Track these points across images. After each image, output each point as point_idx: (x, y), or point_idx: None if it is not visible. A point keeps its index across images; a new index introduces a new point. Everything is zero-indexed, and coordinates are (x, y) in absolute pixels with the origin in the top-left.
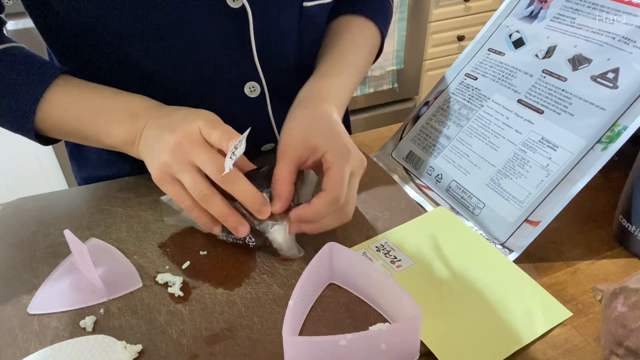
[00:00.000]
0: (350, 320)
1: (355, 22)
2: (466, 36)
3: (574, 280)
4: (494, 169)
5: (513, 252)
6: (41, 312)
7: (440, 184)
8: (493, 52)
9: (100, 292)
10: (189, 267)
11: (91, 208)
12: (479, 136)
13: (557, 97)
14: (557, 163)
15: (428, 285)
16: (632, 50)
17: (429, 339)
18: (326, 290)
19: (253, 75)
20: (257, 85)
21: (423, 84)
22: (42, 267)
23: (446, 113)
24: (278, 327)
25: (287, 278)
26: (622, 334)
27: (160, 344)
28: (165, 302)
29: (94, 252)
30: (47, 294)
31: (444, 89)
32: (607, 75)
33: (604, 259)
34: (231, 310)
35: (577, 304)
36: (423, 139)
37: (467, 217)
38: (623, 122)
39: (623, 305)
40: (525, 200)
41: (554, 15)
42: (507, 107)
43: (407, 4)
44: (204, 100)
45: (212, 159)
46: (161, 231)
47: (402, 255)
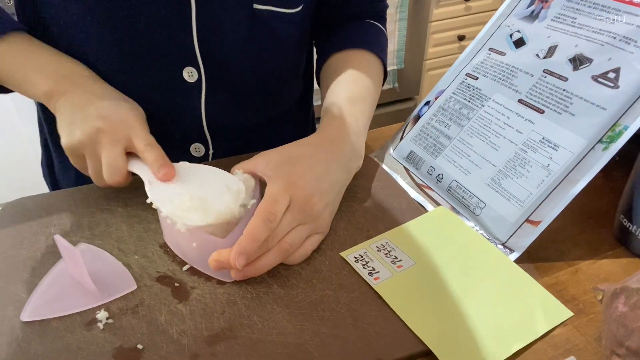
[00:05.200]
0: (351, 320)
1: (360, 55)
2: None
3: (575, 280)
4: (494, 168)
5: (514, 252)
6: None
7: (441, 184)
8: (494, 51)
9: (95, 296)
10: (190, 267)
11: (91, 208)
12: (480, 136)
13: (558, 96)
14: (558, 163)
15: (429, 285)
16: (633, 50)
17: (429, 338)
18: (327, 291)
19: (192, 61)
20: (195, 71)
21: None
22: (42, 267)
23: (447, 113)
24: (279, 327)
25: (288, 278)
26: (623, 333)
27: (160, 343)
28: (165, 302)
29: (84, 256)
30: (40, 300)
31: (445, 88)
32: (608, 75)
33: (605, 259)
34: (232, 310)
35: (578, 303)
36: (424, 138)
37: (468, 217)
38: (624, 122)
39: (624, 305)
40: (526, 200)
41: (555, 15)
42: (508, 107)
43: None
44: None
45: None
46: (162, 231)
47: (403, 255)
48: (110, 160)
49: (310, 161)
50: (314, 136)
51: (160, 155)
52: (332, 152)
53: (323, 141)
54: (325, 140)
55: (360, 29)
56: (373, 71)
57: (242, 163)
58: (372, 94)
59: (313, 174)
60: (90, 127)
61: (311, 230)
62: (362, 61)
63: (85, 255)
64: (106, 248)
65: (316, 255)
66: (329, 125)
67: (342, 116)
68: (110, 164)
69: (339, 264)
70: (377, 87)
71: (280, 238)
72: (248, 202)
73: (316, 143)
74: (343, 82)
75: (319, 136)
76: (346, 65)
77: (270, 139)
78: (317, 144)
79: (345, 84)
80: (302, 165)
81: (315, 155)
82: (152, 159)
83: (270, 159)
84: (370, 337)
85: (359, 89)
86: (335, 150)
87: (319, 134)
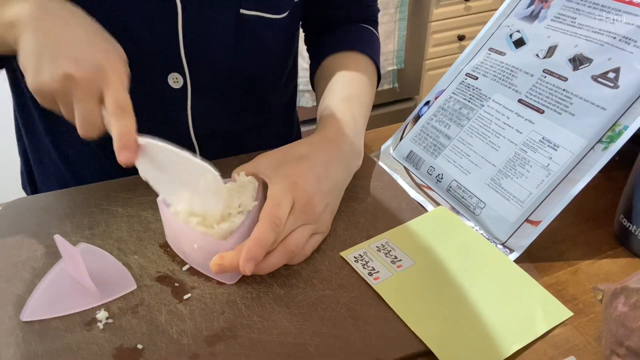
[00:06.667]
0: (351, 320)
1: (353, 57)
2: (467, 36)
3: (574, 280)
4: (494, 168)
5: (514, 251)
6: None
7: (440, 184)
8: (494, 51)
9: (95, 296)
10: (190, 267)
11: (91, 208)
12: (480, 136)
13: (558, 96)
14: (558, 163)
15: (428, 285)
16: (633, 50)
17: (429, 338)
18: (327, 291)
19: (177, 67)
20: (181, 77)
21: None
22: (42, 267)
23: (447, 113)
24: (279, 327)
25: (288, 278)
26: (623, 333)
27: (160, 343)
28: (165, 302)
29: (84, 256)
30: (40, 300)
31: (445, 88)
32: (608, 75)
33: (605, 259)
34: (232, 309)
35: (577, 303)
36: (424, 138)
37: (467, 216)
38: (624, 122)
39: (624, 305)
40: (526, 200)
41: (555, 15)
42: (508, 107)
43: (408, 4)
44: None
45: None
46: (162, 231)
47: (403, 255)
48: (83, 114)
49: (311, 161)
50: (313, 136)
51: (126, 129)
52: (332, 152)
53: (323, 141)
54: (325, 140)
55: (352, 32)
56: (368, 72)
57: (243, 166)
58: (369, 94)
59: (314, 174)
60: (59, 71)
61: (312, 230)
62: (357, 62)
63: (85, 255)
64: (106, 248)
65: (316, 255)
66: (328, 125)
67: (341, 116)
68: (84, 117)
69: (339, 263)
70: (372, 87)
71: (282, 238)
72: (250, 205)
73: (316, 143)
74: (339, 83)
75: (319, 136)
76: (341, 66)
77: (256, 144)
78: (317, 144)
79: (342, 84)
80: (303, 165)
81: (315, 156)
82: (117, 132)
83: (271, 159)
84: (370, 337)
85: (355, 89)
86: (335, 150)
87: (318, 134)
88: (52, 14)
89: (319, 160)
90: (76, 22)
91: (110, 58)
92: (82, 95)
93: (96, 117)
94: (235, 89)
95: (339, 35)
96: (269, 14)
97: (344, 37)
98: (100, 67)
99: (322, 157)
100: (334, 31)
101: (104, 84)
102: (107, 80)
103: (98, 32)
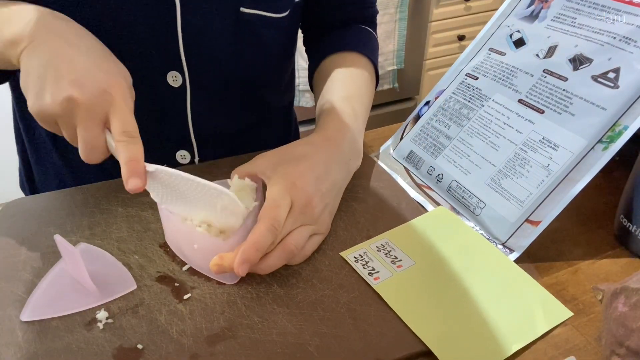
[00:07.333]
0: (351, 320)
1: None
2: (467, 36)
3: (574, 280)
4: (494, 168)
5: (514, 251)
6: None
7: (440, 184)
8: (494, 52)
9: (95, 296)
10: (190, 267)
11: (91, 208)
12: (480, 136)
13: (558, 96)
14: (558, 163)
15: (429, 285)
16: (633, 50)
17: (429, 338)
18: (327, 291)
19: (177, 65)
20: (180, 75)
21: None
22: (42, 267)
23: (447, 113)
24: (279, 327)
25: (288, 278)
26: (623, 333)
27: (160, 343)
28: (165, 302)
29: (84, 256)
30: (40, 300)
31: (445, 88)
32: (608, 75)
33: (605, 259)
34: (232, 309)
35: (578, 303)
36: (424, 138)
37: (467, 217)
38: (624, 122)
39: (624, 305)
40: (526, 200)
41: (555, 15)
42: (508, 107)
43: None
44: None
45: (89, 144)
46: (162, 231)
47: (403, 255)
48: (87, 140)
49: (310, 161)
50: (313, 136)
51: (134, 156)
52: (332, 151)
53: (322, 141)
54: (324, 139)
55: (351, 33)
56: (366, 72)
57: (242, 166)
58: (368, 95)
59: (313, 175)
60: (62, 95)
61: (312, 230)
62: (355, 62)
63: (85, 255)
64: (106, 248)
65: (316, 255)
66: (327, 125)
67: (340, 115)
68: (87, 143)
69: (339, 263)
70: (371, 88)
71: (281, 239)
72: (250, 205)
73: (316, 143)
74: (338, 82)
75: (319, 136)
76: (339, 66)
77: (254, 144)
78: (316, 143)
79: (340, 83)
80: (302, 165)
81: (315, 155)
82: (125, 158)
83: (269, 159)
84: (370, 337)
85: (354, 88)
86: (334, 150)
87: (318, 133)
88: (56, 33)
89: (318, 161)
90: (80, 43)
91: (115, 80)
92: (85, 120)
93: (100, 142)
94: (235, 88)
95: (338, 36)
96: (269, 13)
97: (343, 38)
98: (104, 90)
99: (322, 157)
100: (333, 32)
101: (110, 109)
102: (113, 105)
103: (103, 53)
